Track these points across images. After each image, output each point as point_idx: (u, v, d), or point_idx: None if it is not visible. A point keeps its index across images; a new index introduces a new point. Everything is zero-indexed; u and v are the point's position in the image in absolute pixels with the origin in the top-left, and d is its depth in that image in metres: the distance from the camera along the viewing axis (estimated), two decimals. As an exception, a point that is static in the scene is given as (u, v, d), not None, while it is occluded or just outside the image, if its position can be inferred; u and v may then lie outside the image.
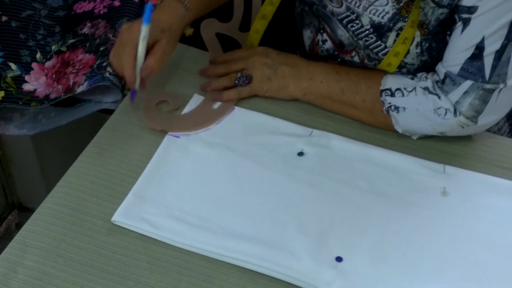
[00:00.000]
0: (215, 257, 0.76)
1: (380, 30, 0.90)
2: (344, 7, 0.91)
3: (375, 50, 0.91)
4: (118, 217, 0.78)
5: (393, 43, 0.89)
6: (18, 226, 1.56)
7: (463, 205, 0.84)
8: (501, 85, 0.83)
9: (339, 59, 0.98)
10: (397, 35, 0.89)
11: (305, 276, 0.74)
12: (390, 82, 0.90)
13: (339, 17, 0.92)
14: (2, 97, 0.97)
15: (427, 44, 0.89)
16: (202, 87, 0.96)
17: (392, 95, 0.89)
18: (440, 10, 0.85)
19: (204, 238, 0.77)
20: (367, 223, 0.80)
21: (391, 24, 0.88)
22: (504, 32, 0.80)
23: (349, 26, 0.92)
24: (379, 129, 0.93)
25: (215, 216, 0.79)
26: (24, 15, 1.07)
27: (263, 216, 0.80)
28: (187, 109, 0.93)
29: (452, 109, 0.86)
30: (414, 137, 0.92)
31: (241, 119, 0.93)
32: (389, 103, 0.90)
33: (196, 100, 0.95)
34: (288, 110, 0.95)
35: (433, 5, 0.84)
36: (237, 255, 0.75)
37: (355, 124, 0.94)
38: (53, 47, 1.05)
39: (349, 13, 0.91)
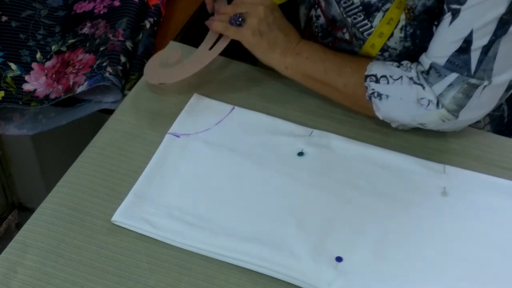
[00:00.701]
0: (215, 257, 0.76)
1: (368, 9, 0.89)
2: None
3: (361, 29, 0.91)
4: (118, 217, 0.78)
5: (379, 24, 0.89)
6: (18, 226, 1.56)
7: (463, 205, 0.83)
8: (486, 82, 0.83)
9: (332, 37, 0.98)
10: (384, 16, 0.89)
11: (305, 276, 0.74)
12: (376, 68, 0.90)
13: None
14: (2, 97, 0.97)
15: (411, 30, 0.88)
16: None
17: (377, 81, 0.89)
18: None
19: (204, 238, 0.77)
20: (367, 223, 0.80)
21: (379, 4, 0.88)
22: (492, 27, 0.79)
23: (341, 2, 0.92)
24: (370, 121, 0.92)
25: (215, 216, 0.79)
26: (24, 15, 1.07)
27: (263, 216, 0.80)
28: (186, 109, 0.93)
29: (435, 101, 0.85)
30: (393, 125, 0.91)
31: (241, 119, 0.93)
32: (373, 89, 0.89)
33: (196, 100, 0.95)
34: (288, 110, 0.95)
35: None
36: (237, 255, 0.75)
37: (355, 124, 0.94)
38: (53, 47, 1.05)
39: None
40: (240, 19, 0.93)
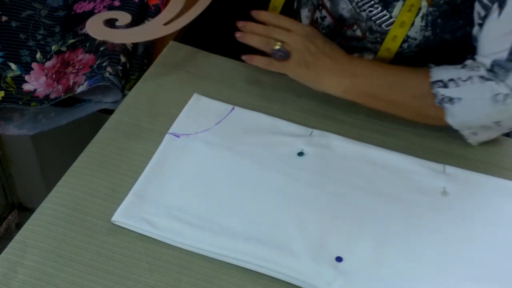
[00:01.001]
0: (215, 257, 0.76)
1: (386, 0, 0.88)
2: None
3: (378, 22, 0.90)
4: (118, 217, 0.78)
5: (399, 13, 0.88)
6: (18, 226, 1.56)
7: (463, 205, 0.84)
8: None
9: (341, 36, 0.97)
10: (403, 4, 0.87)
11: (305, 276, 0.74)
12: (441, 73, 0.87)
13: None
14: (2, 97, 0.97)
15: (432, 19, 0.87)
16: (238, 32, 0.93)
17: (445, 86, 0.86)
18: None
19: (204, 238, 0.77)
20: (367, 223, 0.80)
21: None
22: None
23: None
24: (431, 124, 0.90)
25: (215, 216, 0.79)
26: (24, 15, 1.08)
27: (263, 216, 0.80)
28: (186, 109, 0.93)
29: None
30: (464, 132, 0.89)
31: (241, 119, 0.93)
32: (442, 95, 0.86)
33: (196, 100, 0.95)
34: (288, 110, 0.95)
35: None
36: (237, 255, 0.75)
37: (355, 124, 0.94)
38: (53, 47, 1.05)
39: None
40: (283, 53, 0.90)
